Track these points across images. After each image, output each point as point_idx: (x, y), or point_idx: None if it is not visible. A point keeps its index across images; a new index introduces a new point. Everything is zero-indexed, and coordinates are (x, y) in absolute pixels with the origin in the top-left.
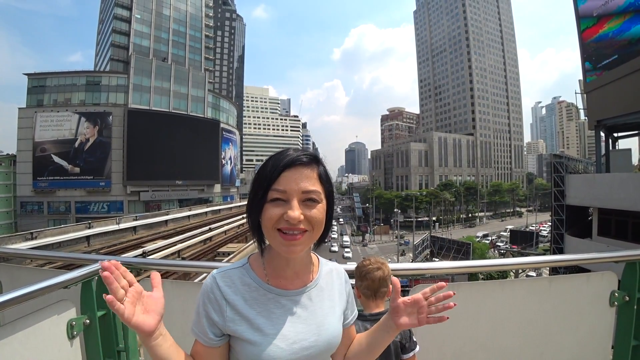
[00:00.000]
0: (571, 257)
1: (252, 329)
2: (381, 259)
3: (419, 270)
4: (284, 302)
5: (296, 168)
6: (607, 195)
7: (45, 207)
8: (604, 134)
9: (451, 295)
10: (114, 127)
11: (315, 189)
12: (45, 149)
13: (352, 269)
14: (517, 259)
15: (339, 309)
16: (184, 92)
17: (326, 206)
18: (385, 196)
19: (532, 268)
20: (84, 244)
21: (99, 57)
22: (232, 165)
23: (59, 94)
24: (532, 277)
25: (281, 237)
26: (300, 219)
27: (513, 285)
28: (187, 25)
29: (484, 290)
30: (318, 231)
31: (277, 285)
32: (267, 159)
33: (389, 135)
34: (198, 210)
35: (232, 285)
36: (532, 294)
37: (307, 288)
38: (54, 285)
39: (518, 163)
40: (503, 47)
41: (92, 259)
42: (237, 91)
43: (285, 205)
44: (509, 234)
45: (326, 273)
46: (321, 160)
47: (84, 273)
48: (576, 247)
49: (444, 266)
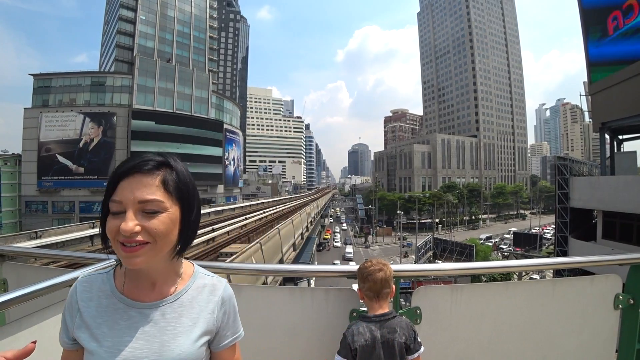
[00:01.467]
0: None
1: (92, 337)
2: (383, 260)
3: (421, 272)
4: (133, 314)
5: (133, 177)
6: (611, 198)
7: (49, 207)
8: (608, 136)
9: None
10: (118, 127)
11: (153, 198)
12: (50, 148)
13: (354, 270)
14: (520, 261)
15: (201, 329)
16: (188, 93)
17: (180, 214)
18: (388, 198)
19: (535, 270)
20: (88, 243)
21: (104, 58)
22: (235, 166)
23: (64, 95)
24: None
25: (121, 249)
26: (134, 231)
27: (516, 288)
28: (191, 26)
29: (487, 292)
30: (163, 242)
31: (130, 296)
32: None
33: (392, 136)
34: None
35: (89, 291)
36: (535, 297)
37: (163, 302)
38: (59, 284)
39: (522, 165)
40: (507, 49)
41: (96, 258)
42: (241, 92)
43: (122, 217)
44: (512, 236)
45: (196, 288)
46: (174, 165)
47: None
48: (580, 249)
49: (446, 268)
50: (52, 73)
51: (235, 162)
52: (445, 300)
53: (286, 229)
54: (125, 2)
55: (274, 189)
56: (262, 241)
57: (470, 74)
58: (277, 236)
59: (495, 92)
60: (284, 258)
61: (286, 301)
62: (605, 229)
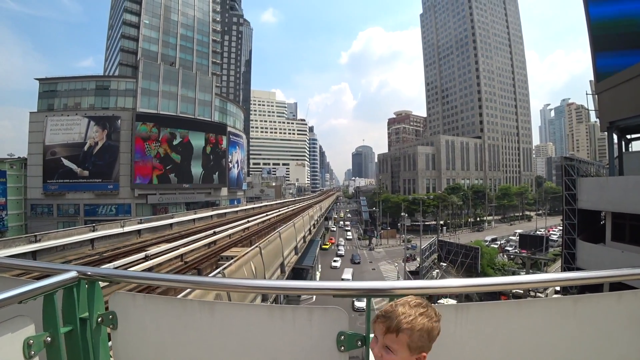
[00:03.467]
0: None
1: None
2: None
3: (430, 290)
4: None
5: None
6: (621, 198)
7: (55, 210)
8: (616, 135)
9: None
10: (122, 130)
11: None
12: (56, 152)
13: (356, 287)
14: (541, 276)
15: None
16: (192, 96)
17: None
18: (392, 200)
19: (560, 286)
20: (88, 246)
21: (108, 62)
22: (239, 168)
23: (69, 98)
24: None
25: None
26: None
27: (531, 306)
28: (194, 30)
29: (497, 311)
30: None
31: None
32: None
33: (395, 138)
34: (203, 214)
35: None
36: (553, 316)
37: None
38: (8, 299)
39: (527, 166)
40: (510, 49)
41: (64, 269)
42: (244, 95)
43: None
44: (518, 238)
45: None
46: None
47: (46, 285)
48: (589, 252)
49: (459, 284)
50: (57, 77)
51: (239, 164)
52: (449, 321)
53: (287, 232)
54: (130, 6)
55: (278, 192)
56: (261, 245)
57: (474, 74)
58: (278, 240)
59: (499, 92)
60: (285, 262)
61: (265, 321)
62: (614, 231)
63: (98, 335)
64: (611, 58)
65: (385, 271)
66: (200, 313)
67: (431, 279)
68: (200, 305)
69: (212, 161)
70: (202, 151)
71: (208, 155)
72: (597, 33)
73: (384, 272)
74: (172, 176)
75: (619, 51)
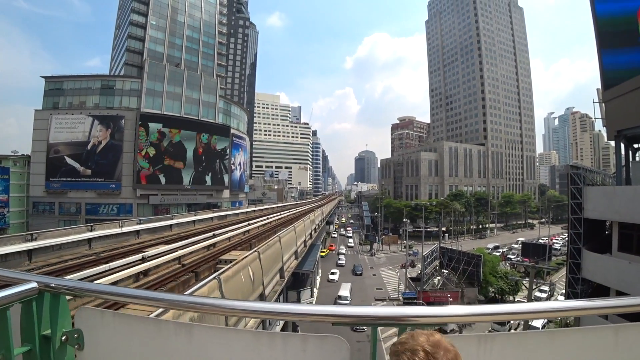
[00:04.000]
0: None
1: None
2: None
3: (450, 318)
4: None
5: None
6: (629, 209)
7: (56, 208)
8: (623, 144)
9: None
10: (125, 130)
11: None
12: (59, 150)
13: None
14: (577, 303)
15: None
16: (196, 98)
17: None
18: (394, 205)
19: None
20: (85, 246)
21: (114, 61)
22: (241, 171)
23: (74, 97)
24: (593, 326)
25: None
26: None
27: (565, 337)
28: (200, 31)
29: (526, 343)
30: None
31: None
32: None
33: (399, 144)
34: (204, 216)
35: None
36: (591, 348)
37: None
38: None
39: (530, 174)
40: (515, 57)
41: (23, 278)
42: (249, 97)
43: None
44: (520, 246)
45: None
46: None
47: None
48: (595, 262)
49: (486, 311)
50: (63, 76)
51: (242, 167)
52: (470, 354)
53: (288, 236)
54: (137, 7)
55: (280, 195)
56: (260, 249)
57: (479, 81)
58: (278, 244)
59: (503, 100)
60: (284, 267)
61: (250, 349)
62: (621, 242)
63: (62, 355)
64: (617, 55)
65: (386, 277)
66: (176, 336)
67: (432, 286)
68: (176, 328)
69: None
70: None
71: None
72: (603, 30)
73: (385, 278)
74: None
75: (625, 48)
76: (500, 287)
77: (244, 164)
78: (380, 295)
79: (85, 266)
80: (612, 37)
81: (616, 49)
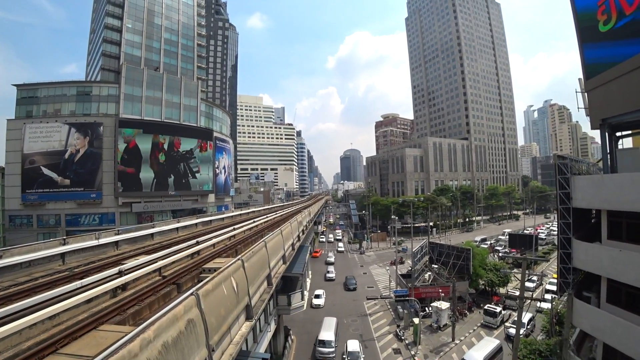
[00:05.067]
0: None
1: None
2: None
3: None
4: None
5: None
6: (617, 197)
7: (34, 221)
8: (607, 133)
9: None
10: (104, 137)
11: None
12: (35, 160)
13: None
14: None
15: None
16: (177, 102)
17: None
18: (381, 203)
19: None
20: (59, 261)
21: (90, 67)
22: (226, 174)
23: (49, 105)
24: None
25: None
26: None
27: None
28: (179, 34)
29: None
30: None
31: None
32: None
33: (383, 141)
34: (187, 222)
35: None
36: None
37: None
38: None
39: (513, 166)
40: (495, 52)
41: None
42: (231, 100)
43: None
44: (507, 237)
45: None
46: None
47: None
48: (586, 252)
49: None
50: (36, 83)
51: (226, 170)
52: None
53: (274, 240)
54: (112, 10)
55: (266, 197)
56: (244, 257)
57: (460, 77)
58: (264, 249)
59: (484, 94)
60: (272, 274)
61: None
62: (611, 230)
63: None
64: (598, 49)
65: (377, 275)
66: None
67: (423, 281)
68: None
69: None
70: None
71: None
72: (584, 25)
73: (375, 275)
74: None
75: (605, 42)
76: (490, 279)
77: (228, 167)
78: (372, 294)
79: (57, 284)
80: (591, 31)
81: (595, 43)
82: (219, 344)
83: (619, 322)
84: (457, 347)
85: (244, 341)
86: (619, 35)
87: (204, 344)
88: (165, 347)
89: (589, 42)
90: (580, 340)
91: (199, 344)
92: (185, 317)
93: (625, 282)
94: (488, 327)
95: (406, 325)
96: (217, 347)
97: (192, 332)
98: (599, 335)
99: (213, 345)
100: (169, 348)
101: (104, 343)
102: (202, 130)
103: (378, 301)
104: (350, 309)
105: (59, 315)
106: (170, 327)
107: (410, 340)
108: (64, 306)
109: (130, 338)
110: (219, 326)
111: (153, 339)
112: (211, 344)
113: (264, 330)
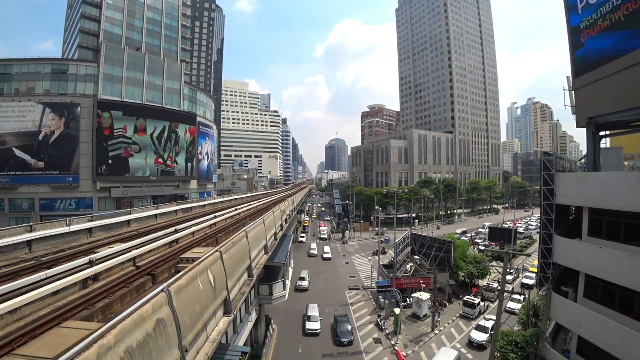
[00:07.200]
0: None
1: None
2: None
3: None
4: None
5: None
6: (600, 194)
7: (6, 205)
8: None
9: None
10: (82, 119)
11: None
12: (6, 141)
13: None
14: None
15: None
16: (159, 84)
17: None
18: (365, 193)
19: None
20: (25, 249)
21: (67, 44)
22: (209, 160)
23: (22, 83)
24: None
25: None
26: None
27: None
28: (162, 13)
29: None
30: None
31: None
32: None
33: (369, 132)
34: (166, 209)
35: None
36: None
37: None
38: None
39: (495, 161)
40: (482, 48)
41: None
42: (215, 84)
43: None
44: (487, 231)
45: None
46: None
47: None
48: (566, 248)
49: None
50: (8, 59)
51: (209, 156)
52: None
53: (256, 230)
54: None
55: (250, 184)
56: (222, 249)
57: (447, 71)
58: (245, 240)
59: (470, 89)
60: (252, 265)
61: None
62: (591, 227)
63: None
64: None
65: (359, 265)
66: None
67: (405, 272)
68: None
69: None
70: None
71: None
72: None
73: (357, 265)
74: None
75: (595, 34)
76: (470, 271)
77: (211, 153)
78: (353, 285)
79: (21, 274)
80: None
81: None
82: (193, 343)
83: (595, 316)
84: (437, 337)
85: (224, 334)
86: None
87: (175, 345)
88: (128, 353)
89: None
90: (555, 333)
91: (170, 346)
92: (154, 317)
93: (603, 278)
94: (467, 317)
95: (387, 315)
96: (191, 347)
97: (162, 333)
98: (575, 329)
99: (186, 345)
100: (134, 353)
101: (66, 342)
102: (185, 115)
103: (360, 291)
104: (332, 299)
105: (21, 309)
106: (136, 330)
107: (390, 330)
108: (26, 299)
109: (85, 345)
110: (193, 324)
111: (114, 345)
112: (184, 344)
113: (244, 321)
